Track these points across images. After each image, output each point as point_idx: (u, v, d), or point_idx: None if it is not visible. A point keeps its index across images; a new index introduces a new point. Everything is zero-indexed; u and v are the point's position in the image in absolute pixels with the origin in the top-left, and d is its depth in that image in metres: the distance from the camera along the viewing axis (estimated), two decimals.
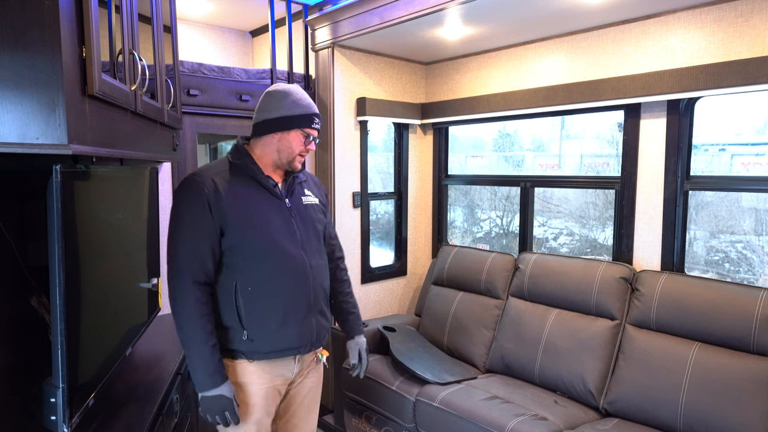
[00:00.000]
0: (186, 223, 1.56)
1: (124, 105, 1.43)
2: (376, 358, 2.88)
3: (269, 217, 1.63)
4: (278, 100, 1.65)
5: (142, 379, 1.77)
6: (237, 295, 1.58)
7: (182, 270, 1.54)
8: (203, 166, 1.66)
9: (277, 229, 1.63)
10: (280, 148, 1.66)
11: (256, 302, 1.59)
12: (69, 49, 1.05)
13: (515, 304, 2.80)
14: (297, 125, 1.64)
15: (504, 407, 2.26)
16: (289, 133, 1.65)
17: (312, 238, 1.72)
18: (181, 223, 1.56)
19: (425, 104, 3.48)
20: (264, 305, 1.60)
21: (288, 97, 1.65)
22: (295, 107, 1.65)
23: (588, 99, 2.61)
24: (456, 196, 4.23)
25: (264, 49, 3.79)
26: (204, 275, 1.56)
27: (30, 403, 1.38)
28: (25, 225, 1.44)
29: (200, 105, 2.70)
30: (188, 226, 1.56)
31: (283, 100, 1.65)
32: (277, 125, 1.64)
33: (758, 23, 2.14)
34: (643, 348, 2.28)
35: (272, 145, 1.66)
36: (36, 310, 1.45)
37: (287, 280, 1.63)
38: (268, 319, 1.60)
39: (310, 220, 1.74)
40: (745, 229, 3.06)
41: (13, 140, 1.01)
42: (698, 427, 2.03)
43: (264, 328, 1.60)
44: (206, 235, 1.55)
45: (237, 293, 1.58)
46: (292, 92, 1.67)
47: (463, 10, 2.41)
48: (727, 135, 3.00)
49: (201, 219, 1.55)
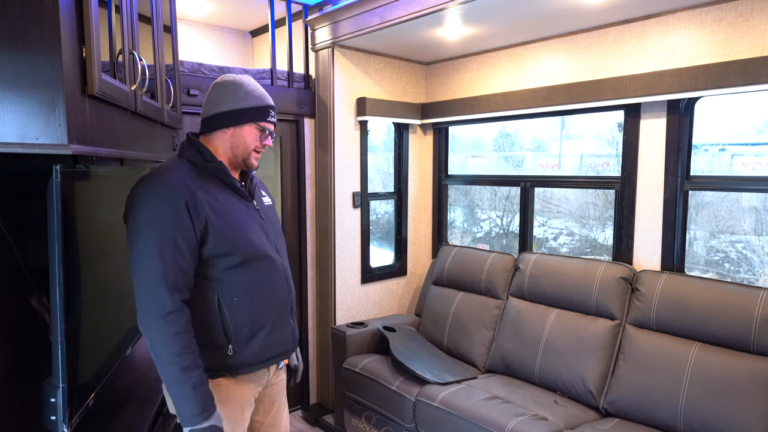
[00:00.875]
0: (166, 234, 1.34)
1: (124, 105, 1.43)
2: (376, 358, 2.88)
3: (246, 221, 1.50)
4: (230, 91, 1.50)
5: (142, 379, 1.76)
6: (221, 308, 1.43)
7: (168, 291, 1.32)
8: (161, 167, 1.44)
9: (257, 234, 1.51)
10: (233, 145, 1.51)
11: (243, 313, 1.46)
12: (69, 49, 1.05)
13: (515, 304, 2.80)
14: (250, 119, 1.50)
15: (504, 407, 2.26)
16: (242, 128, 1.50)
17: (280, 241, 1.64)
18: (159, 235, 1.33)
19: (425, 104, 3.48)
20: (250, 315, 1.47)
21: (241, 88, 1.50)
22: (248, 99, 1.50)
23: (588, 99, 2.61)
24: (456, 196, 4.23)
25: (264, 49, 3.79)
26: (188, 293, 1.38)
27: (30, 403, 1.38)
28: (25, 225, 1.44)
29: (200, 105, 2.68)
30: (168, 238, 1.34)
31: (236, 92, 1.50)
32: (229, 119, 1.49)
33: (758, 23, 2.14)
34: (643, 348, 2.28)
35: (225, 141, 1.51)
36: (36, 310, 1.45)
37: (272, 286, 1.53)
38: (255, 329, 1.48)
39: (275, 221, 1.67)
40: (745, 229, 3.06)
41: (13, 140, 1.01)
42: (698, 427, 2.03)
43: (251, 339, 1.48)
44: (188, 247, 1.37)
45: (221, 306, 1.43)
46: (244, 83, 1.51)
47: (463, 10, 2.41)
48: (727, 135, 3.00)
49: (181, 228, 1.35)
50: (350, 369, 2.85)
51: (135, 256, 1.35)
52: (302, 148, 3.18)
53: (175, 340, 1.32)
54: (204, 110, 1.54)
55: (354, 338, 2.96)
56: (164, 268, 1.33)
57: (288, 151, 3.18)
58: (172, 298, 1.33)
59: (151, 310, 1.33)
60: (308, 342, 3.29)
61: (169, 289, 1.33)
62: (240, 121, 1.50)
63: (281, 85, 3.07)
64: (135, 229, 1.36)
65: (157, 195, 1.36)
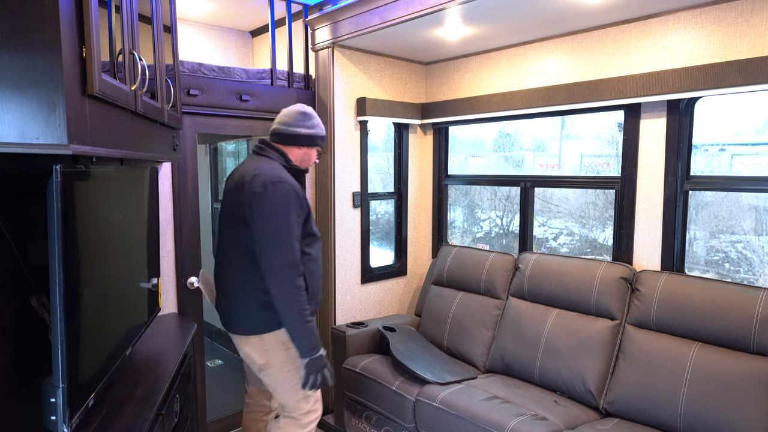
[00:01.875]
0: (292, 224, 1.90)
1: (124, 105, 1.43)
2: (376, 358, 2.88)
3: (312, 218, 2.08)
4: (310, 120, 2.10)
5: (142, 379, 1.77)
6: (305, 275, 1.96)
7: (293, 263, 1.88)
8: (277, 171, 1.95)
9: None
10: (303, 159, 2.11)
11: (313, 275, 2.02)
12: (69, 49, 1.05)
13: (515, 304, 2.80)
14: (317, 144, 2.13)
15: (504, 407, 2.26)
16: (311, 149, 2.12)
17: None
18: (290, 224, 1.89)
19: (425, 104, 3.48)
20: (315, 277, 2.04)
21: (315, 119, 2.12)
22: (318, 129, 2.12)
23: (588, 99, 2.61)
24: (456, 196, 4.23)
25: (264, 49, 3.79)
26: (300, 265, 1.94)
27: (30, 403, 1.38)
28: (25, 225, 1.44)
29: (200, 105, 2.70)
30: (293, 227, 1.90)
31: (313, 121, 2.11)
32: (307, 141, 2.09)
33: (758, 23, 2.14)
34: (643, 348, 2.28)
35: (298, 154, 2.10)
36: (36, 310, 1.45)
37: (319, 258, 2.10)
38: (315, 287, 2.04)
39: None
40: (745, 229, 3.06)
41: (13, 140, 1.01)
42: (698, 427, 2.03)
43: (314, 297, 2.02)
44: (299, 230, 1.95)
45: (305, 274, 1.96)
46: (316, 116, 2.14)
47: (463, 10, 2.41)
48: (727, 135, 2.99)
49: (298, 219, 1.93)
50: (350, 369, 2.85)
51: (274, 237, 1.86)
52: None
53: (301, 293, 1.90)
54: (283, 127, 2.08)
55: (354, 338, 2.96)
56: (293, 246, 1.89)
57: None
58: (299, 265, 1.91)
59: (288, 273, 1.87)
60: None
61: (297, 258, 1.90)
62: (313, 144, 2.11)
63: (281, 85, 3.07)
64: (274, 217, 1.87)
65: (283, 195, 1.89)
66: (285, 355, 1.99)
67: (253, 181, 1.89)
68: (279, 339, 1.98)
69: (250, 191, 1.88)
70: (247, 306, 1.99)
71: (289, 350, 1.99)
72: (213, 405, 3.28)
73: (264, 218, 1.87)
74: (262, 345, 2.00)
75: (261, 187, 1.86)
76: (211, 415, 3.02)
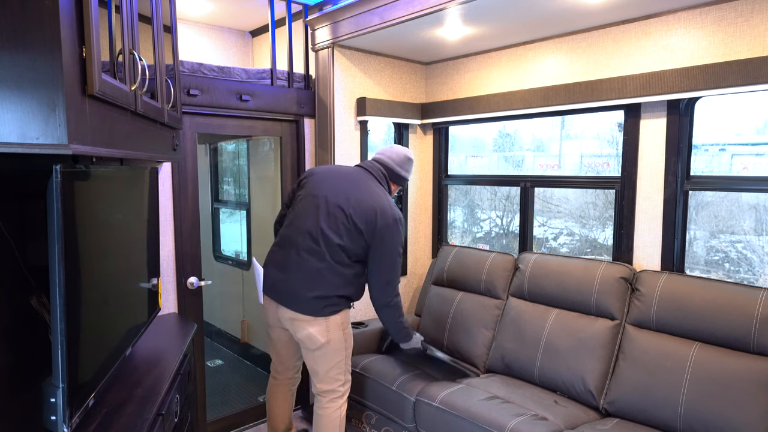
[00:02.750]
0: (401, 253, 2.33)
1: (124, 105, 1.43)
2: (376, 358, 2.88)
3: None
4: (411, 166, 2.50)
5: (142, 379, 1.77)
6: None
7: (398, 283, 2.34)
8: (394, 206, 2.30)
9: None
10: (391, 192, 2.47)
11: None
12: (69, 49, 1.05)
13: (515, 304, 2.80)
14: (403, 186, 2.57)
15: (504, 407, 2.26)
16: (397, 188, 2.51)
17: None
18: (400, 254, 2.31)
19: (425, 104, 3.48)
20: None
21: (411, 165, 2.50)
22: (410, 174, 2.50)
23: (588, 99, 2.61)
24: (456, 196, 4.23)
25: (264, 49, 3.79)
26: None
27: (30, 403, 1.39)
28: (25, 225, 1.44)
29: (200, 105, 2.70)
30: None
31: (412, 167, 2.51)
32: (403, 183, 2.50)
33: (758, 23, 2.14)
34: (643, 348, 2.28)
35: (394, 189, 2.50)
36: (36, 310, 1.45)
37: None
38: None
39: None
40: (745, 229, 3.06)
41: (13, 140, 1.01)
42: (698, 427, 2.03)
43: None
44: None
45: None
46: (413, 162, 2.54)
47: (463, 10, 2.41)
48: (727, 135, 3.00)
49: None
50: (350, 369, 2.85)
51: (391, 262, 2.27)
52: (302, 148, 3.17)
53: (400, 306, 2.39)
54: (397, 166, 2.44)
55: (354, 338, 2.95)
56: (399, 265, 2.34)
57: (288, 151, 3.18)
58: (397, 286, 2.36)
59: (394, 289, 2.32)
60: None
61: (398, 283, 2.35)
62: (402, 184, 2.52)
63: (281, 85, 3.07)
64: (394, 248, 2.26)
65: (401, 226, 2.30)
66: (342, 335, 2.30)
67: (385, 213, 2.23)
68: (339, 321, 2.28)
69: (384, 221, 2.22)
70: (328, 296, 2.23)
71: (345, 330, 2.31)
72: (213, 405, 3.28)
73: (391, 249, 2.25)
74: (327, 325, 2.25)
75: (393, 222, 2.24)
76: (211, 415, 3.02)
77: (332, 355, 2.30)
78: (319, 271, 2.21)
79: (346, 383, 2.40)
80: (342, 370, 2.35)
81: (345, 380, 2.38)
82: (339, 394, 2.36)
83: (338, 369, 2.33)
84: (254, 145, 4.09)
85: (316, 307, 2.22)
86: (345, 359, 2.35)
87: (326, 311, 2.23)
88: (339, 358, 2.32)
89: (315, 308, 2.22)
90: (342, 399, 2.39)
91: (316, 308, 2.22)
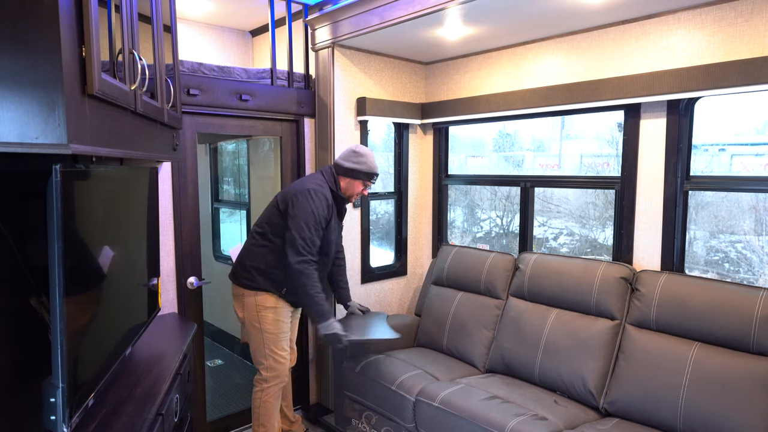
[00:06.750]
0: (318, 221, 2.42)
1: (124, 105, 1.43)
2: (376, 358, 2.88)
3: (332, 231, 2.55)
4: (358, 157, 2.54)
5: (141, 379, 1.77)
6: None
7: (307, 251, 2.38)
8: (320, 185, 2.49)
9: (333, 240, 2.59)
10: (347, 187, 2.57)
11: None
12: (69, 49, 1.05)
13: (515, 304, 2.80)
14: (361, 178, 2.55)
15: (504, 407, 2.26)
16: (354, 181, 2.55)
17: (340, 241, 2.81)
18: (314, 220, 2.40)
19: (425, 104, 3.48)
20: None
21: (363, 157, 2.54)
22: (364, 166, 2.53)
23: (588, 99, 2.61)
24: (456, 196, 4.23)
25: (264, 49, 3.79)
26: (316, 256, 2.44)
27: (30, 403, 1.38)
28: (25, 225, 1.44)
29: (200, 105, 2.70)
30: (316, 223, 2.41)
31: (360, 158, 2.53)
32: (350, 173, 2.54)
33: (758, 23, 2.14)
34: (643, 348, 2.28)
35: (344, 183, 2.57)
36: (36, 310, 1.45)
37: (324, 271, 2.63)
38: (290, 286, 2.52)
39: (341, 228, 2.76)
40: (745, 229, 3.06)
41: (13, 140, 1.00)
42: (698, 427, 2.03)
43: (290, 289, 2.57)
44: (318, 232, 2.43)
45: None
46: (368, 155, 2.56)
47: (463, 10, 2.41)
48: (727, 135, 3.00)
49: (322, 222, 2.44)
50: (350, 369, 2.85)
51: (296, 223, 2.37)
52: (302, 147, 3.17)
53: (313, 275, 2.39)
54: (339, 158, 2.57)
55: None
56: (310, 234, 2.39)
57: (288, 151, 3.18)
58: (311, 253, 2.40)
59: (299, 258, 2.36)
60: (308, 342, 3.29)
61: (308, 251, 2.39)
62: (355, 177, 2.55)
63: (281, 85, 3.07)
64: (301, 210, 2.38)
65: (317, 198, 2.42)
66: (256, 317, 2.49)
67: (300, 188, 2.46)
68: (254, 302, 2.49)
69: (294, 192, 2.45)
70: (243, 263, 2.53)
71: (260, 314, 2.48)
72: (213, 405, 3.28)
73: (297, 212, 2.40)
74: (243, 302, 2.53)
75: (303, 191, 2.43)
76: (211, 415, 3.02)
77: (252, 335, 2.53)
78: (246, 246, 2.58)
79: (270, 369, 2.53)
80: (263, 354, 2.52)
81: (267, 366, 2.53)
82: (261, 377, 2.55)
83: (259, 352, 2.53)
84: (254, 145, 4.09)
85: (236, 272, 2.55)
86: (263, 343, 2.50)
87: (241, 281, 2.51)
88: (257, 340, 2.51)
89: (235, 274, 2.56)
90: (265, 383, 2.54)
91: (236, 274, 2.55)
